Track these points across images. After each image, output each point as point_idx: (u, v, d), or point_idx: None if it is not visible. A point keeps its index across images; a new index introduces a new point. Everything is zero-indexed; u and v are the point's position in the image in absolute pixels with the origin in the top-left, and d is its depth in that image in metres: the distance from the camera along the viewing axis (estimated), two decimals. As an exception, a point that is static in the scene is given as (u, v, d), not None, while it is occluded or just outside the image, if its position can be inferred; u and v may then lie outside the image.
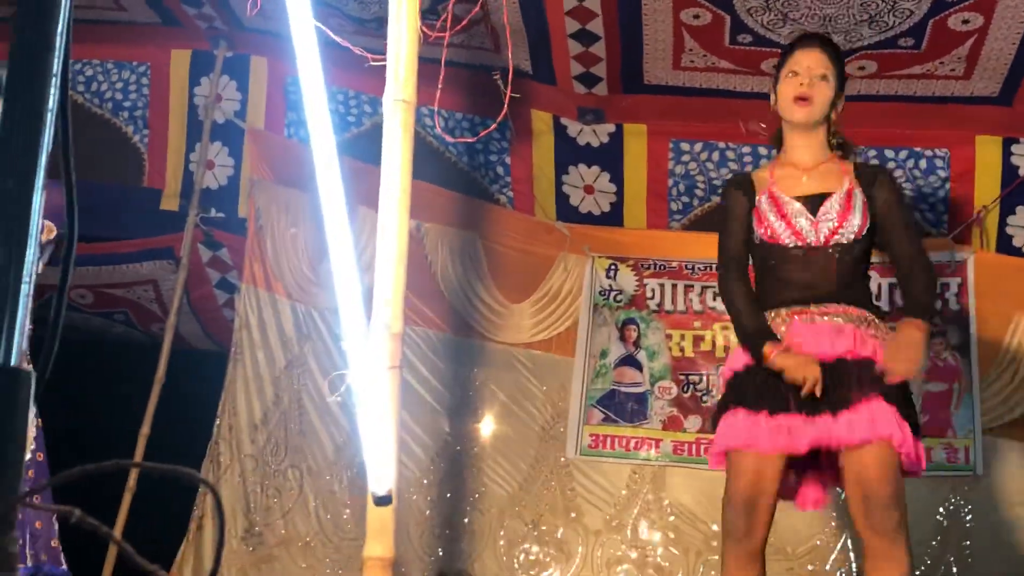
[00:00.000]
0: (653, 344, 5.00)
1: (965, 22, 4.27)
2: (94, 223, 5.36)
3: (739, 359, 3.12)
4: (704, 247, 4.92)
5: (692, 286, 5.03)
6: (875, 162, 3.12)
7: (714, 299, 4.98)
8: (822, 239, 3.08)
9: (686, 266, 5.04)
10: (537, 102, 5.09)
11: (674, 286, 5.05)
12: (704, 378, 4.93)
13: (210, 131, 5.32)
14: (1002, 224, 4.84)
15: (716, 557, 4.56)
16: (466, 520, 4.82)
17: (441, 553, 4.77)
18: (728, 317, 4.70)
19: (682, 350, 4.98)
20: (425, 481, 4.85)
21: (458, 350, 5.01)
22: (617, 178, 5.19)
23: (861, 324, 3.01)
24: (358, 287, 2.29)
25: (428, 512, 4.81)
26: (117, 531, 4.74)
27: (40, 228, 1.10)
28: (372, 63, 2.43)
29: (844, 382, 2.90)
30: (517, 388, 4.98)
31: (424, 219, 4.99)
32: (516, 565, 4.77)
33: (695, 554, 4.70)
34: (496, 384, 4.99)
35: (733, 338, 4.71)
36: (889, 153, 4.94)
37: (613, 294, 5.07)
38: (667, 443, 4.86)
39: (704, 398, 4.90)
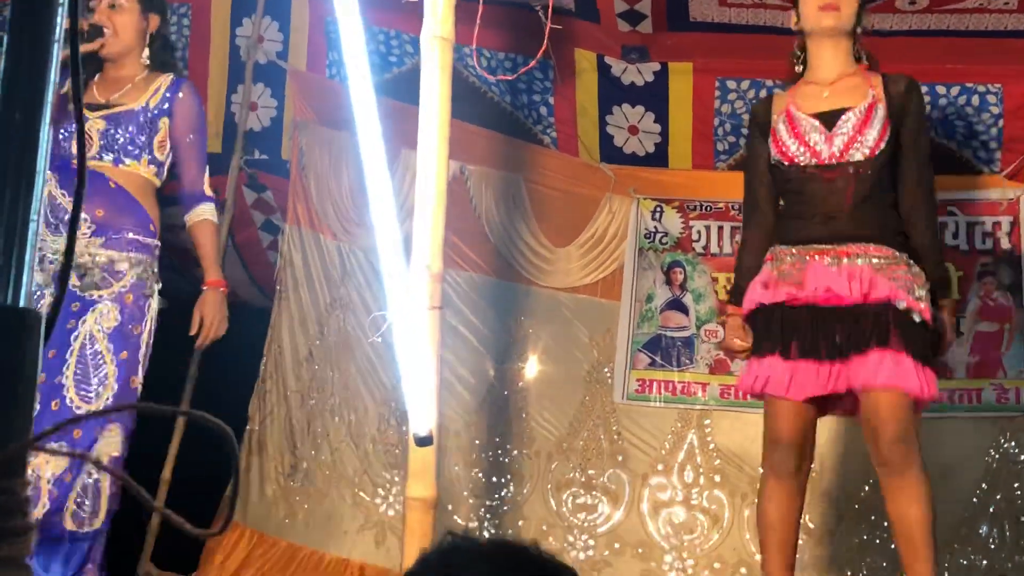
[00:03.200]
0: (699, 287, 4.97)
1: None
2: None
3: (755, 293, 3.10)
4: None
5: (738, 227, 4.96)
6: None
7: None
8: (837, 153, 2.99)
9: (732, 206, 4.98)
10: (580, 41, 5.02)
11: (720, 228, 5.00)
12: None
13: (252, 72, 5.31)
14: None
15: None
16: (511, 463, 4.84)
17: (487, 495, 4.79)
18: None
19: (729, 293, 4.93)
20: (472, 424, 4.86)
21: (504, 294, 4.99)
22: (662, 118, 5.11)
23: (881, 265, 2.96)
24: (397, 228, 2.28)
25: (474, 455, 4.82)
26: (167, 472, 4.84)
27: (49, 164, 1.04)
28: (408, 0, 2.39)
29: (861, 326, 2.91)
30: (563, 332, 4.96)
31: (467, 161, 4.95)
32: (565, 508, 4.80)
33: (740, 496, 4.70)
34: (541, 328, 4.97)
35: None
36: (940, 89, 4.82)
37: (659, 236, 5.03)
38: (714, 387, 4.84)
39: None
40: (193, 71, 5.29)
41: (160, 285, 3.44)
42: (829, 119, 3.05)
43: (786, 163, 3.10)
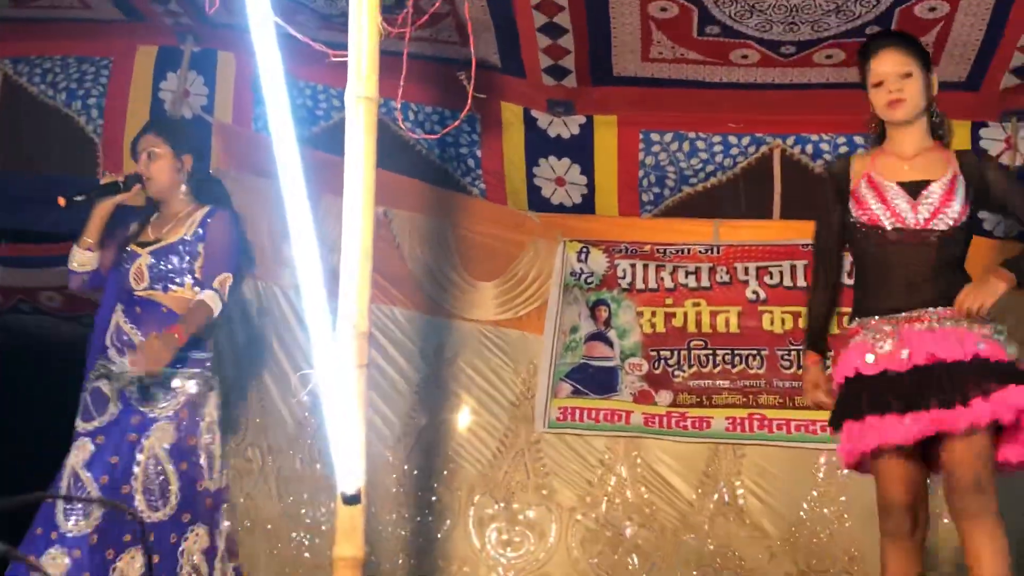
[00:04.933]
0: (624, 323, 5.03)
1: (932, 9, 4.29)
2: (48, 216, 5.33)
3: (849, 365, 3.15)
4: (676, 233, 5.10)
5: (663, 266, 5.05)
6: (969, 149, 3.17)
7: (686, 277, 5.03)
8: (922, 221, 3.09)
9: (658, 250, 5.08)
10: (506, 94, 5.09)
11: (645, 266, 5.07)
12: (675, 353, 4.96)
13: (179, 127, 5.27)
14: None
15: (690, 536, 4.70)
16: (434, 498, 4.82)
17: (409, 532, 4.75)
18: (699, 295, 4.87)
19: (653, 327, 5.01)
20: (391, 459, 4.83)
21: (426, 327, 5.01)
22: (588, 169, 5.19)
23: (969, 325, 3.04)
24: (322, 286, 2.27)
25: (395, 490, 4.79)
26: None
27: None
28: (333, 59, 2.40)
29: (959, 380, 2.97)
30: (486, 365, 5.00)
31: (392, 205, 5.00)
32: (488, 544, 4.78)
33: (671, 533, 4.74)
34: (464, 361, 5.00)
35: (705, 314, 4.94)
36: (859, 139, 4.96)
37: (584, 276, 5.09)
38: (637, 415, 4.88)
39: (676, 373, 4.92)
40: (108, 120, 5.24)
41: (217, 387, 3.84)
42: (913, 188, 3.14)
43: (871, 225, 3.16)
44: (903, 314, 3.09)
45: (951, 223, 3.10)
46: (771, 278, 4.94)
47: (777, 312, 4.90)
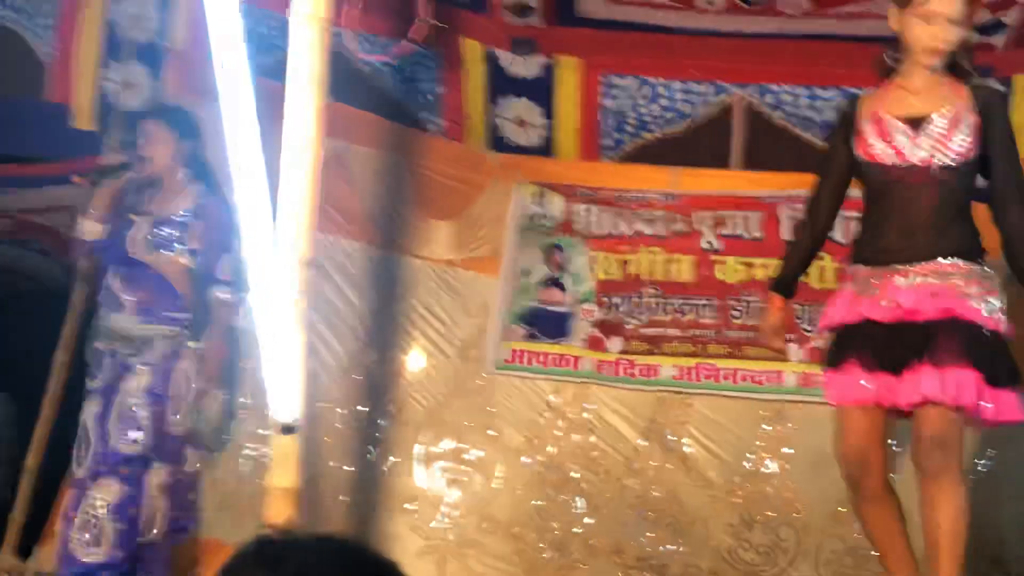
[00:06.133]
0: (578, 268, 4.99)
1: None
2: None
3: (836, 311, 3.13)
4: (634, 178, 5.04)
5: (621, 212, 5.01)
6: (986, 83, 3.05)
7: (642, 224, 4.99)
8: (924, 156, 2.99)
9: (616, 195, 5.03)
10: (468, 30, 5.00)
11: (602, 212, 5.02)
12: (628, 300, 4.93)
13: (133, 52, 5.16)
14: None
15: (634, 481, 4.72)
16: (379, 434, 4.79)
17: (354, 467, 4.73)
18: (655, 242, 4.92)
19: (607, 272, 4.98)
20: (337, 393, 4.79)
21: (379, 263, 4.95)
22: (548, 111, 5.12)
23: (956, 280, 2.98)
24: (266, 209, 2.23)
25: (338, 425, 4.76)
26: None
27: None
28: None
29: (928, 342, 2.93)
30: (438, 303, 4.95)
31: (349, 141, 4.90)
32: (432, 483, 4.77)
33: (616, 478, 4.74)
34: (417, 299, 4.94)
35: (659, 262, 4.91)
36: (820, 92, 4.93)
37: (540, 218, 5.04)
38: (587, 360, 4.87)
39: (628, 320, 4.91)
40: (60, 46, 5.11)
41: (194, 341, 4.17)
42: (915, 122, 3.01)
43: (870, 162, 3.08)
44: (891, 266, 3.03)
45: (954, 159, 2.97)
46: (726, 228, 4.92)
47: (731, 262, 4.89)
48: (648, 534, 4.66)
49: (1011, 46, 4.62)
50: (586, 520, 4.72)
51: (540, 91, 5.08)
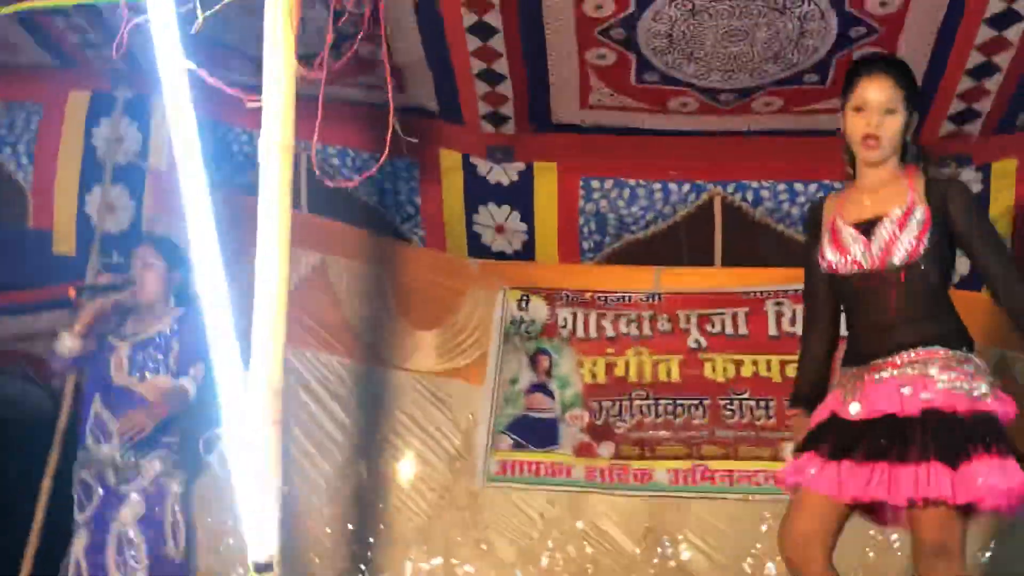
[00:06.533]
0: (565, 372, 4.96)
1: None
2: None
3: (826, 406, 3.04)
4: (617, 280, 5.06)
5: (605, 314, 4.99)
6: (947, 172, 2.94)
7: (627, 325, 4.97)
8: (876, 261, 2.95)
9: (599, 298, 5.02)
10: (445, 141, 5.04)
11: (586, 314, 5.01)
12: (617, 404, 4.88)
13: (111, 173, 5.17)
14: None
15: None
16: (369, 554, 4.68)
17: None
18: (641, 343, 4.87)
19: (594, 376, 4.94)
20: (324, 512, 4.70)
21: (363, 376, 4.91)
22: (528, 216, 5.14)
23: (936, 370, 2.88)
24: (233, 338, 2.18)
25: (328, 545, 4.66)
26: None
27: None
28: (249, 104, 2.32)
29: (907, 438, 2.81)
30: (425, 416, 4.89)
31: (329, 252, 4.95)
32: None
33: None
34: (402, 411, 4.88)
35: (646, 363, 4.87)
36: (799, 186, 4.96)
37: (525, 324, 5.02)
38: (579, 468, 4.79)
39: (617, 424, 4.84)
40: (38, 167, 5.12)
41: (182, 466, 4.16)
42: (867, 228, 2.97)
43: (832, 274, 3.04)
44: (871, 363, 2.95)
45: (905, 257, 2.91)
46: (712, 326, 4.90)
47: (719, 360, 4.85)
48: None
49: (986, 134, 4.64)
50: (584, 639, 4.59)
51: (519, 197, 5.10)
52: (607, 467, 4.79)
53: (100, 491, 4.04)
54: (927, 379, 2.87)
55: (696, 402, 4.83)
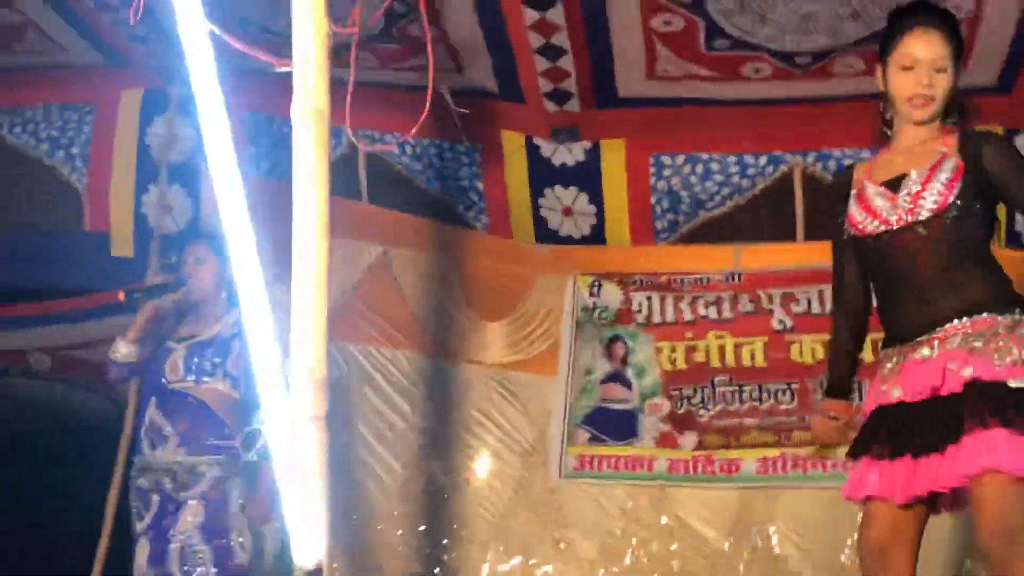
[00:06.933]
0: (642, 360, 4.75)
1: (956, 8, 3.97)
2: (39, 273, 5.12)
3: (868, 399, 2.80)
4: (693, 261, 4.83)
5: (682, 297, 4.78)
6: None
7: (706, 308, 4.76)
8: (904, 217, 2.68)
9: (675, 280, 4.82)
10: (507, 122, 4.86)
11: (662, 298, 4.80)
12: (699, 391, 4.68)
13: (166, 172, 5.07)
14: (1010, 219, 4.54)
15: None
16: (444, 556, 4.52)
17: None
18: (722, 326, 4.69)
19: (673, 363, 4.73)
20: (396, 513, 4.56)
21: (431, 371, 4.75)
22: (596, 198, 4.94)
23: (979, 340, 2.60)
24: (270, 325, 1.98)
25: (400, 548, 4.51)
26: None
27: None
28: (279, 67, 2.12)
29: (955, 414, 2.55)
30: (496, 410, 4.72)
31: (391, 244, 4.79)
32: (504, 603, 4.48)
33: None
34: (473, 406, 4.71)
35: (728, 347, 4.65)
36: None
37: (598, 311, 4.82)
38: (661, 461, 4.60)
39: (700, 413, 4.64)
40: (93, 169, 5.05)
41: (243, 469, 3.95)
42: (896, 184, 2.72)
43: (857, 236, 2.79)
44: (910, 343, 2.68)
45: (934, 208, 2.64)
46: (798, 305, 4.66)
47: (806, 341, 4.59)
48: (745, 646, 4.32)
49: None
50: (674, 636, 4.38)
51: (586, 177, 4.90)
52: (691, 458, 4.60)
53: (157, 498, 3.90)
54: (973, 353, 2.57)
55: (783, 387, 4.60)
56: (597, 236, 4.98)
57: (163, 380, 4.00)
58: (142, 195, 5.09)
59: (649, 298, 4.80)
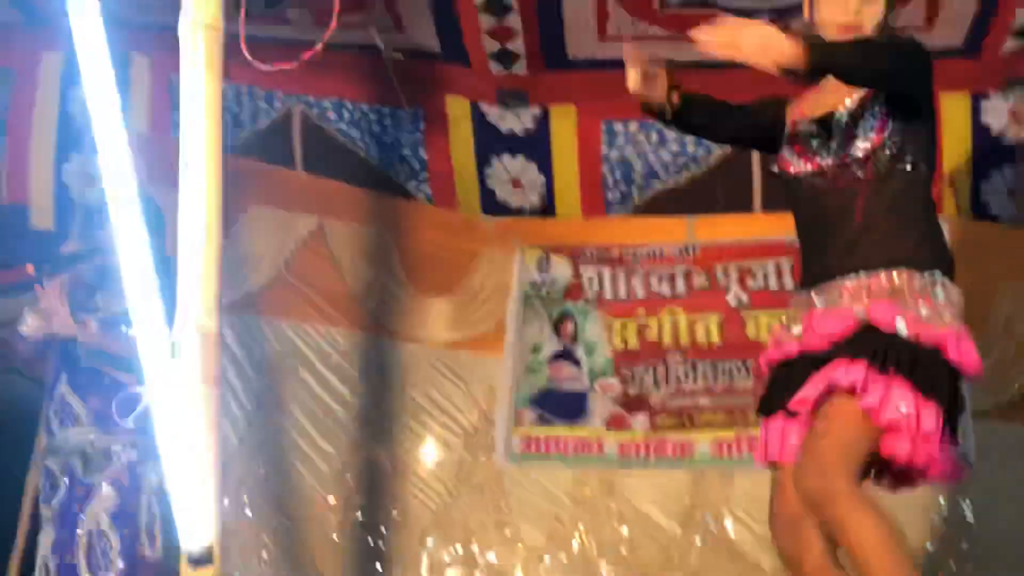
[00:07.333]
0: (592, 338, 4.57)
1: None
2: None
3: (769, 349, 2.64)
4: (646, 233, 4.62)
5: (634, 272, 4.61)
6: None
7: (659, 283, 4.59)
8: (832, 158, 2.52)
9: (627, 253, 4.64)
10: (451, 86, 4.63)
11: (614, 273, 4.62)
12: (651, 370, 4.51)
13: (91, 141, 4.78)
14: (976, 189, 4.38)
15: (675, 574, 4.26)
16: (381, 544, 4.31)
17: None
18: (675, 302, 4.52)
19: (625, 340, 4.55)
20: (331, 500, 4.34)
21: (370, 350, 4.54)
22: (545, 168, 4.71)
23: (887, 293, 2.41)
24: (154, 281, 1.73)
25: (335, 536, 4.30)
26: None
27: None
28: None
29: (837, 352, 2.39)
30: (438, 390, 4.52)
31: (328, 216, 4.57)
32: (444, 594, 4.30)
33: (654, 573, 4.29)
34: (413, 387, 4.51)
35: (682, 324, 4.48)
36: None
37: (546, 286, 4.64)
38: (611, 444, 4.44)
39: (652, 393, 4.49)
40: (14, 142, 4.77)
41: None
42: (824, 122, 2.55)
43: (787, 176, 2.64)
44: (819, 286, 2.51)
45: (868, 145, 2.47)
46: (754, 280, 4.52)
47: (763, 318, 4.44)
48: (697, 636, 4.18)
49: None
50: (623, 625, 4.24)
51: (535, 145, 4.68)
52: (642, 440, 4.43)
53: (66, 481, 3.65)
54: (878, 303, 2.41)
55: (739, 365, 4.44)
56: (546, 208, 4.77)
57: (75, 354, 3.74)
58: (63, 164, 4.81)
59: (600, 273, 4.63)
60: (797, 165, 2.60)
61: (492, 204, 4.77)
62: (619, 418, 4.46)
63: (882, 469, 2.49)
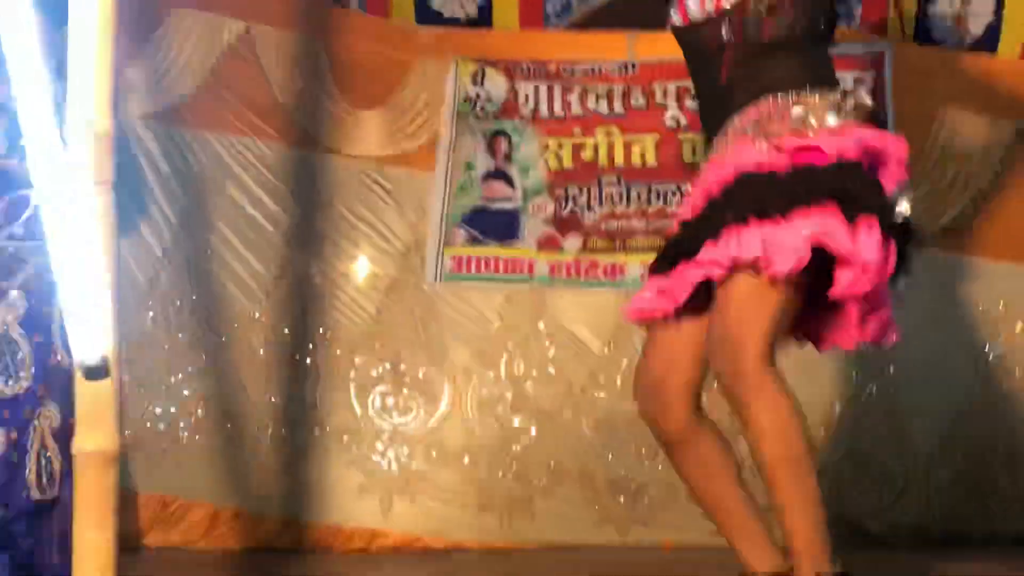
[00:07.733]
0: (527, 156, 4.42)
1: None
2: None
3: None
4: (585, 49, 4.44)
5: (571, 89, 4.43)
6: None
7: (596, 101, 4.43)
8: (708, 7, 2.37)
9: (564, 69, 4.44)
10: None
11: (550, 89, 4.43)
12: (585, 191, 4.39)
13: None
14: (921, 12, 4.26)
15: (601, 395, 4.26)
16: (308, 360, 4.25)
17: (279, 399, 4.21)
18: (612, 121, 4.38)
19: (560, 160, 4.42)
20: (257, 315, 4.25)
21: (299, 164, 4.36)
22: (484, -26, 4.49)
23: (756, 127, 2.28)
24: (43, 74, 1.59)
25: (262, 351, 4.24)
26: None
27: None
28: None
29: (721, 210, 2.26)
30: (368, 207, 4.36)
31: (255, 20, 4.31)
32: (370, 411, 4.25)
33: (580, 392, 4.29)
34: (343, 203, 4.35)
35: (618, 144, 4.36)
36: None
37: (480, 101, 4.44)
38: (542, 264, 4.36)
39: (585, 214, 4.39)
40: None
41: None
42: None
43: (672, 27, 2.49)
44: (712, 140, 2.41)
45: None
46: (693, 100, 4.33)
47: (700, 141, 4.30)
48: (620, 454, 4.19)
49: None
50: (547, 443, 4.23)
51: (471, -51, 4.44)
52: (573, 261, 4.36)
53: None
54: (747, 141, 2.30)
55: (673, 188, 4.34)
56: (483, 18, 4.56)
57: None
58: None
59: (536, 88, 4.44)
60: (674, 16, 2.46)
61: (426, 12, 4.55)
62: (551, 238, 4.38)
63: (806, 332, 2.46)
